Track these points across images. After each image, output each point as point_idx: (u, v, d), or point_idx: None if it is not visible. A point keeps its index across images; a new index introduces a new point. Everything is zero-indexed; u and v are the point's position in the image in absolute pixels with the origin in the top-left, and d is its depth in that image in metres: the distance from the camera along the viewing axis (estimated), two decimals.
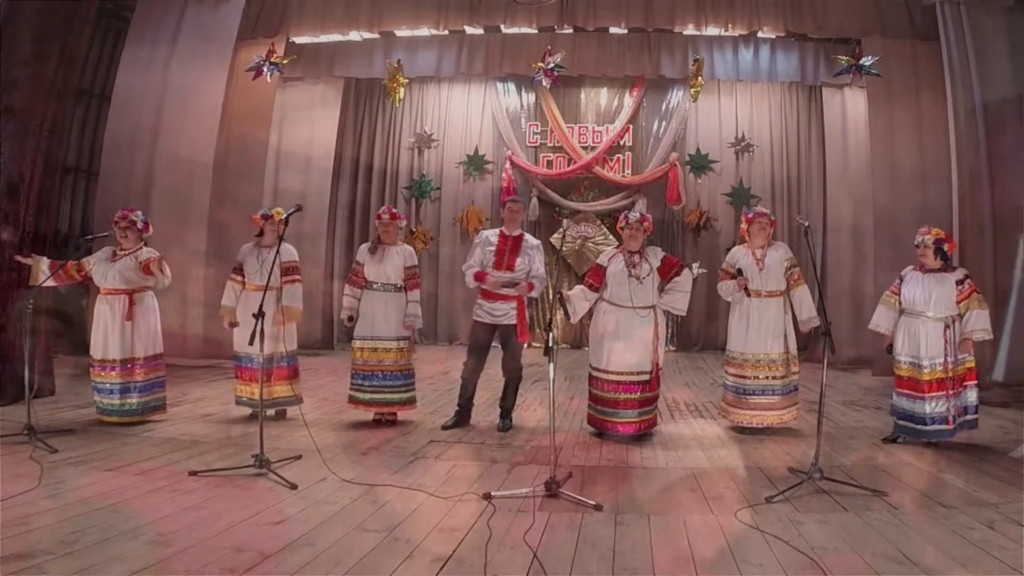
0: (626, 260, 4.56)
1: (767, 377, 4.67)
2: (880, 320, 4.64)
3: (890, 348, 4.49)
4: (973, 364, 4.39)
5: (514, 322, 4.72)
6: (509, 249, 4.76)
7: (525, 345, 4.91)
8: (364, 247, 5.01)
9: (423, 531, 2.88)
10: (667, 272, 4.58)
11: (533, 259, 4.81)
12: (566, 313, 4.59)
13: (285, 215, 3.96)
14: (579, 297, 4.67)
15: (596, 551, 2.72)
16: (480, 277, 4.74)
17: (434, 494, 3.36)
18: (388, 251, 4.89)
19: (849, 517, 3.10)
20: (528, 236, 4.94)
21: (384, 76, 8.56)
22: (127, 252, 4.78)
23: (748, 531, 2.93)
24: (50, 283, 4.75)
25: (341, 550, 2.66)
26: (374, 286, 4.86)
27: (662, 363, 4.65)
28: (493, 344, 4.86)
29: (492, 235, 4.89)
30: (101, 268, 4.75)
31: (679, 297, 4.61)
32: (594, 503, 3.23)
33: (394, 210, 5.02)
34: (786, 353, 4.68)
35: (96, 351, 4.74)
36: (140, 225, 4.86)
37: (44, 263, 4.79)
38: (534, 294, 4.77)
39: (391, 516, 3.05)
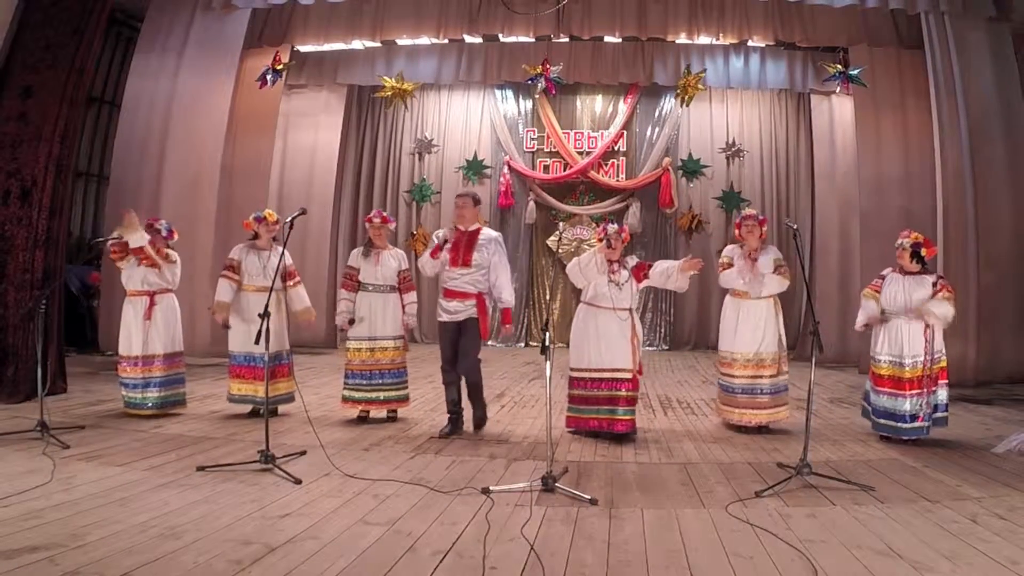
0: (607, 267, 4.59)
1: (758, 376, 4.73)
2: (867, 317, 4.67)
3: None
4: (945, 363, 4.51)
5: (470, 316, 4.61)
6: (464, 244, 4.64)
7: (488, 342, 4.79)
8: (356, 252, 5.07)
9: (424, 524, 2.94)
10: (639, 274, 4.66)
11: (493, 253, 4.65)
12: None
13: (290, 218, 4.04)
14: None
15: (591, 544, 2.77)
16: (434, 253, 4.61)
17: (434, 489, 3.43)
18: (382, 254, 4.99)
19: (837, 511, 3.16)
20: (486, 229, 4.77)
21: (383, 88, 8.65)
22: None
23: (739, 525, 2.98)
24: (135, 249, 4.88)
25: (344, 543, 2.72)
26: (369, 288, 4.94)
27: (641, 366, 4.65)
28: None
29: (447, 231, 4.70)
30: (132, 272, 5.01)
31: (665, 278, 4.65)
32: (589, 497, 3.29)
33: (384, 213, 5.13)
34: (776, 352, 4.76)
35: (123, 348, 4.99)
36: (164, 233, 5.10)
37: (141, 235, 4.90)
38: (500, 298, 4.66)
39: (393, 510, 3.11)
